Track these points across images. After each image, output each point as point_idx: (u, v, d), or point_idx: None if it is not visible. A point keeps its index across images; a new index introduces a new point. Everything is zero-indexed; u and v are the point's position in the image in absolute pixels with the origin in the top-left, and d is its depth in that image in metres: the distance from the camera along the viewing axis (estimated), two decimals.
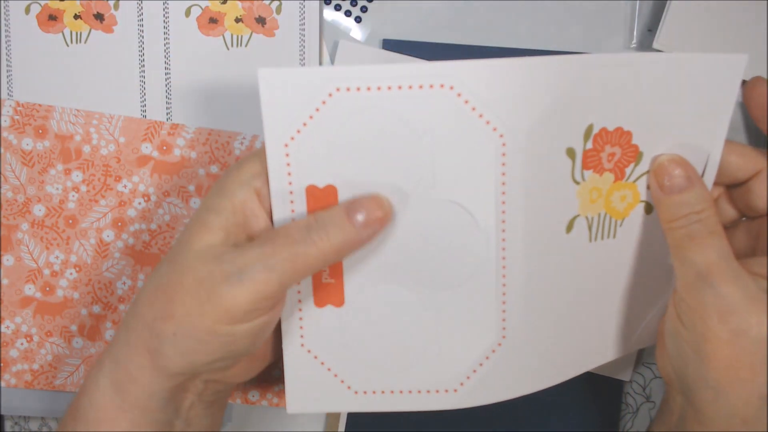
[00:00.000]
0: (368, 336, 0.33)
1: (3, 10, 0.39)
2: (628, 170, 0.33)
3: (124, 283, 0.41)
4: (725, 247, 0.31)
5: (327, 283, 0.32)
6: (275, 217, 0.30)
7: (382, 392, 0.34)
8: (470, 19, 0.42)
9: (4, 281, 0.41)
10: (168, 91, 0.40)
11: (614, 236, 0.34)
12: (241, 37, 0.40)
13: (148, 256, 0.41)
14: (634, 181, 0.34)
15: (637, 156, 0.33)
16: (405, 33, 0.42)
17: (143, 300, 0.30)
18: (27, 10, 0.39)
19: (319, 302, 0.32)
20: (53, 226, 0.41)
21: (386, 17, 0.41)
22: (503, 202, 0.31)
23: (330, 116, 0.29)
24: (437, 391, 0.34)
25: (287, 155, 0.30)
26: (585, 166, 0.32)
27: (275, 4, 0.40)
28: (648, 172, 0.34)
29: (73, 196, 0.40)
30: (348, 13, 0.41)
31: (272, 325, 0.31)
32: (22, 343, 0.42)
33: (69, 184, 0.40)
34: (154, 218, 0.41)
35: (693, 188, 0.32)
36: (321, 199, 0.30)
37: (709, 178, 0.34)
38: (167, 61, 0.40)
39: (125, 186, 0.41)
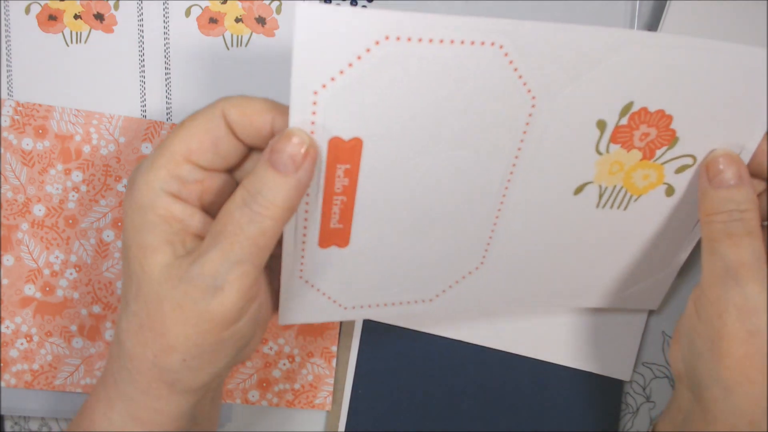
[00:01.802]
0: (365, 269, 0.34)
1: (3, 10, 0.39)
2: (659, 152, 0.34)
3: None
4: (760, 249, 0.31)
5: (335, 228, 0.32)
6: None
7: (369, 306, 0.36)
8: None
9: (4, 281, 0.41)
10: (168, 91, 0.40)
11: (625, 208, 0.36)
12: (241, 37, 0.40)
13: None
14: (663, 163, 0.34)
15: (673, 140, 0.33)
16: None
17: (131, 343, 0.29)
18: (27, 10, 0.39)
19: (324, 244, 0.32)
20: (53, 226, 0.41)
21: None
22: (516, 156, 0.32)
23: (372, 66, 0.27)
24: (415, 302, 0.37)
25: (314, 103, 0.27)
26: (613, 140, 0.33)
27: (275, 4, 0.40)
28: (680, 157, 0.34)
29: (73, 196, 0.40)
30: None
31: (267, 301, 0.32)
32: (22, 343, 0.42)
33: (69, 184, 0.40)
34: None
35: (742, 187, 0.32)
36: (344, 150, 0.29)
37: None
38: (167, 61, 0.40)
39: (125, 186, 0.41)
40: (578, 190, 0.35)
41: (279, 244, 0.34)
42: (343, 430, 0.44)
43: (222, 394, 0.35)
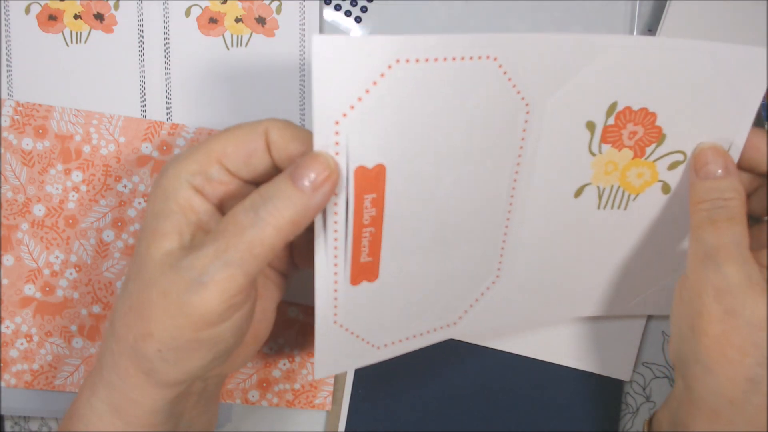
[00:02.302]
0: (393, 300, 0.34)
1: (3, 10, 0.39)
2: (649, 149, 0.35)
3: None
4: (740, 234, 0.32)
5: (365, 262, 0.31)
6: None
7: (399, 341, 0.35)
8: (470, 19, 0.42)
9: (4, 281, 0.41)
10: (168, 91, 0.40)
11: (625, 208, 0.36)
12: (241, 37, 0.40)
13: None
14: (654, 160, 0.35)
15: (660, 137, 0.34)
16: (405, 33, 0.41)
17: (120, 321, 0.29)
18: (27, 10, 0.39)
19: (355, 280, 0.32)
20: (53, 226, 0.41)
21: (386, 17, 0.41)
22: (518, 164, 0.33)
23: (388, 90, 0.27)
24: (441, 327, 0.36)
25: (336, 133, 0.27)
26: (603, 140, 0.34)
27: (275, 4, 0.40)
28: (670, 153, 0.35)
29: (73, 196, 0.40)
30: (348, 13, 0.41)
31: (253, 312, 0.31)
32: (22, 343, 0.42)
33: (69, 184, 0.40)
34: None
35: (727, 178, 0.33)
36: (370, 179, 0.29)
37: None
38: (167, 61, 0.40)
39: (125, 186, 0.41)
40: (578, 192, 0.35)
41: (278, 268, 0.34)
42: (343, 430, 0.44)
43: (216, 401, 0.35)
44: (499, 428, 0.45)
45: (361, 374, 0.44)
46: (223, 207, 0.31)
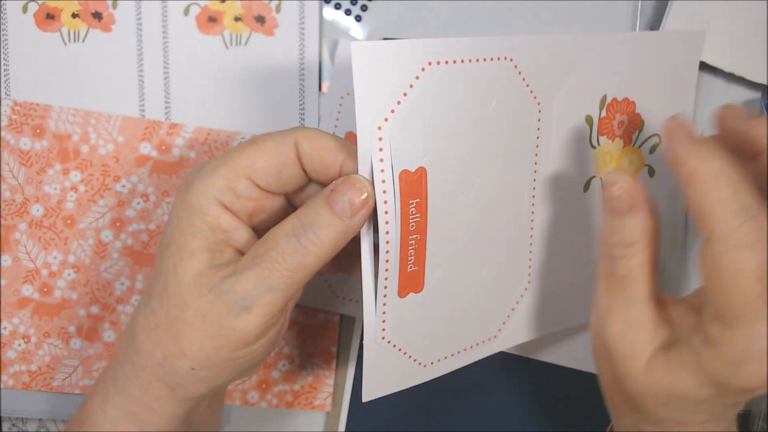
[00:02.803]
0: (438, 313, 0.33)
1: (0, 9, 0.39)
2: (634, 136, 0.37)
3: (123, 284, 0.41)
4: (636, 295, 0.30)
5: (411, 272, 0.31)
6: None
7: (445, 358, 0.35)
8: (471, 18, 0.41)
9: (2, 282, 0.41)
10: (167, 90, 0.40)
11: None
12: (240, 35, 0.40)
13: (146, 257, 0.41)
14: (639, 146, 0.37)
15: (641, 123, 0.37)
16: (405, 32, 0.41)
17: (143, 338, 0.29)
18: (24, 9, 0.39)
19: (402, 293, 0.31)
20: (51, 226, 0.40)
21: (386, 16, 0.41)
22: (535, 163, 0.34)
23: (423, 92, 0.28)
24: (483, 342, 0.36)
25: (380, 139, 0.27)
26: (600, 132, 0.36)
27: (275, 2, 0.40)
28: (649, 137, 0.38)
29: (72, 196, 0.40)
30: (348, 12, 0.41)
31: (284, 329, 0.31)
32: (19, 344, 0.41)
33: (67, 184, 0.40)
34: (153, 218, 0.41)
35: (635, 216, 0.29)
36: (413, 184, 0.29)
37: None
38: (166, 60, 0.40)
39: (124, 186, 0.40)
40: (587, 185, 0.36)
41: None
42: (343, 431, 0.44)
43: (222, 402, 0.35)
44: (498, 428, 0.45)
45: (361, 375, 0.44)
46: (252, 219, 0.31)
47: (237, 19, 0.40)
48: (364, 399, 0.33)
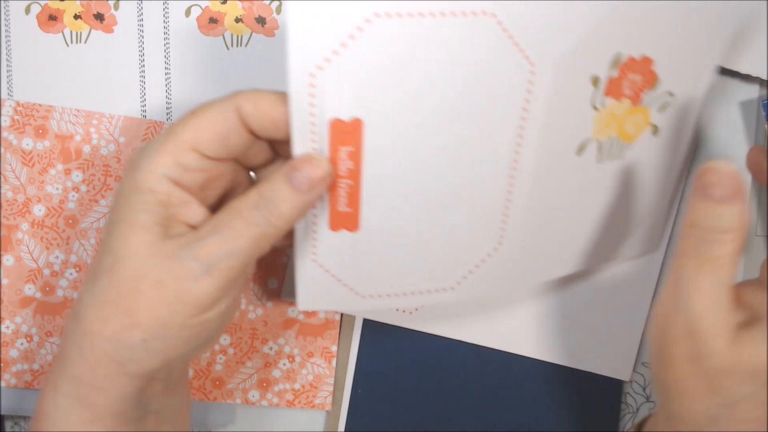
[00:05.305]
0: (379, 253, 0.34)
1: (3, 10, 0.39)
2: (643, 95, 0.34)
3: None
4: (725, 278, 0.30)
5: (344, 212, 0.32)
6: (295, 150, 0.30)
7: (388, 295, 0.35)
8: None
9: (4, 281, 0.41)
10: (168, 91, 0.40)
11: (621, 158, 0.36)
12: (241, 37, 0.40)
13: None
14: (647, 105, 0.35)
15: (655, 82, 0.34)
16: None
17: (91, 318, 0.29)
18: (27, 10, 0.39)
19: (334, 227, 0.32)
20: (53, 226, 0.41)
21: None
22: (522, 127, 0.32)
23: (366, 44, 0.27)
24: (437, 290, 0.36)
25: (312, 85, 0.28)
26: (607, 92, 0.33)
27: (275, 4, 0.40)
28: (660, 95, 0.35)
29: (73, 196, 0.40)
30: None
31: (239, 299, 0.32)
32: (22, 343, 0.42)
33: (69, 184, 0.40)
34: None
35: (732, 204, 0.29)
36: (346, 133, 0.29)
37: (702, 87, 0.36)
38: (167, 61, 0.40)
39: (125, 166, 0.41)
40: (580, 149, 0.34)
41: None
42: (343, 430, 0.44)
43: (184, 384, 0.35)
44: (498, 428, 0.45)
45: (361, 374, 0.44)
46: (205, 192, 0.31)
47: (238, 20, 0.40)
48: (299, 308, 0.35)
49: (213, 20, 0.40)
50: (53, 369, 0.31)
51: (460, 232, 0.34)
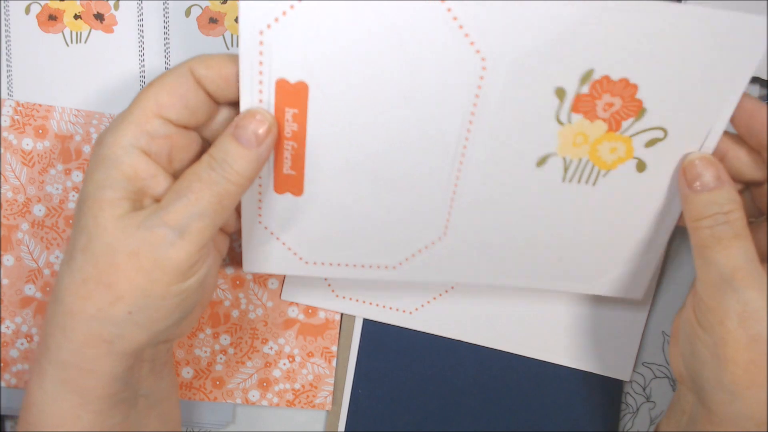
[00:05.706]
0: (322, 221, 0.35)
1: (3, 10, 0.39)
2: (625, 123, 0.33)
3: None
4: (751, 251, 0.31)
5: (288, 174, 0.33)
6: (243, 105, 0.31)
7: (330, 264, 0.37)
8: None
9: (5, 281, 0.41)
10: None
11: (594, 183, 0.35)
12: None
13: None
14: (631, 135, 0.33)
15: (640, 111, 0.32)
16: None
17: (72, 298, 0.29)
18: (27, 10, 0.39)
19: (279, 189, 0.34)
20: (53, 226, 0.41)
21: None
22: (470, 122, 0.32)
23: (315, 9, 0.29)
24: (378, 267, 0.37)
25: (261, 43, 0.29)
26: (575, 109, 0.32)
27: None
28: (649, 129, 0.33)
29: (73, 195, 0.40)
30: None
31: (216, 267, 0.33)
32: (22, 343, 0.42)
33: (69, 184, 0.40)
34: None
35: (722, 188, 0.32)
36: (291, 94, 0.30)
37: (709, 147, 0.33)
38: (167, 61, 0.40)
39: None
40: (541, 161, 0.34)
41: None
42: (343, 430, 0.44)
43: (170, 367, 0.35)
44: (498, 428, 0.45)
45: (361, 374, 0.44)
46: (171, 163, 0.31)
47: (238, 20, 0.40)
48: (245, 269, 0.37)
49: (213, 20, 0.40)
50: (37, 356, 0.31)
51: (406, 213, 0.35)
